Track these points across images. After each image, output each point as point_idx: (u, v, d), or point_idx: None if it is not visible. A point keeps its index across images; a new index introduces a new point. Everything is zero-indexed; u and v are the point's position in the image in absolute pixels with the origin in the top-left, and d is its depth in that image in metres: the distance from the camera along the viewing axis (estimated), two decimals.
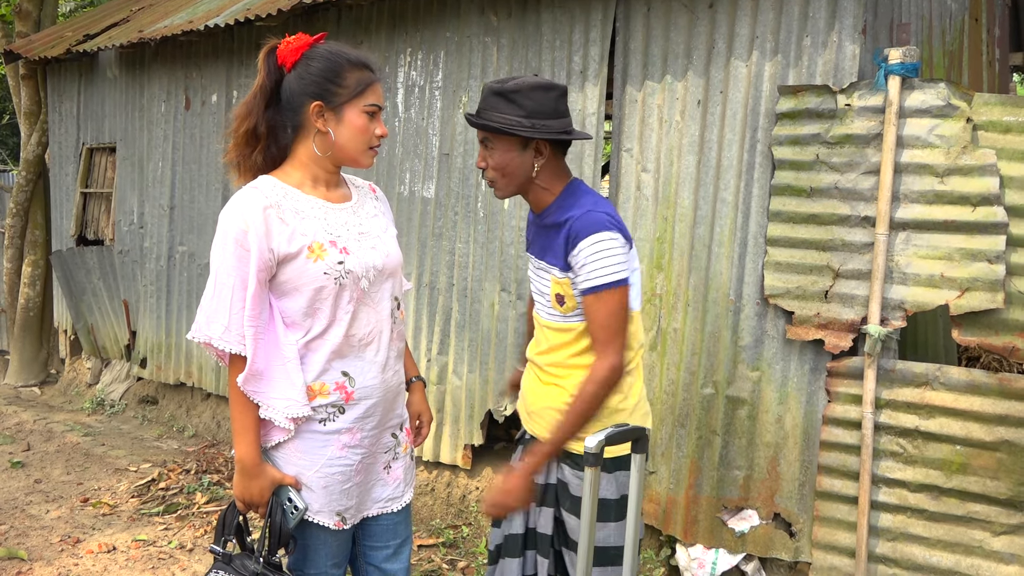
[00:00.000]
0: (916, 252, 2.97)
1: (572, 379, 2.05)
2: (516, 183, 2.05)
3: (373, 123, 1.91)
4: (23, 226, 7.44)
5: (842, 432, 3.13)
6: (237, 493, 1.88)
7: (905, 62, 2.91)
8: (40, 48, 6.81)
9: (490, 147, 2.03)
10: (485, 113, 2.01)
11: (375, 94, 1.91)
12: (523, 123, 1.97)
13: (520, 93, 1.98)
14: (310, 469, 1.92)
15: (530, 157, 2.02)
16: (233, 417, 1.86)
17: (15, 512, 4.41)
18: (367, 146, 1.92)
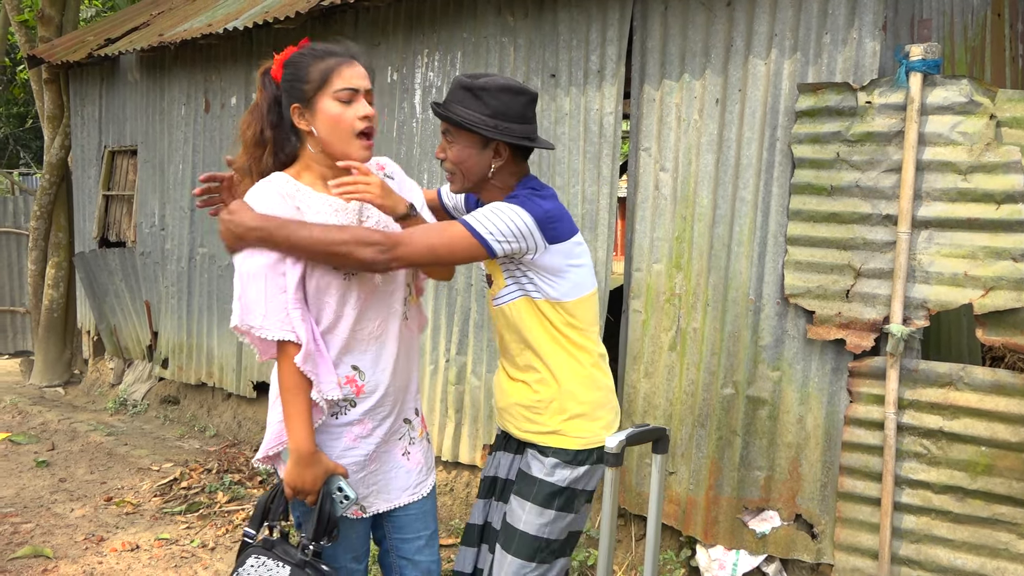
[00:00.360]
0: (939, 250, 2.93)
1: (531, 372, 2.05)
2: (472, 180, 2.04)
3: (349, 108, 1.87)
4: (47, 228, 7.53)
5: (864, 433, 3.10)
6: (290, 481, 1.87)
7: (927, 58, 2.88)
8: (62, 53, 6.89)
9: (450, 140, 2.02)
10: (450, 105, 1.99)
11: (342, 78, 1.87)
12: (486, 122, 1.96)
13: (488, 92, 1.97)
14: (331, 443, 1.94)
15: (488, 157, 2.01)
16: (287, 404, 1.84)
17: (40, 510, 4.46)
18: (350, 134, 1.87)
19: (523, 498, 2.06)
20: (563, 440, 2.04)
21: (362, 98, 1.88)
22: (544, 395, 2.05)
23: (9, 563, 3.79)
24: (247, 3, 5.77)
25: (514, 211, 1.92)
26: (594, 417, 2.07)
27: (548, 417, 2.05)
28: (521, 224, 1.92)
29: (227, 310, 5.77)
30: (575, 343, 2.07)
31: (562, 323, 2.04)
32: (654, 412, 3.63)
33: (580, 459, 2.05)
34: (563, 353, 2.05)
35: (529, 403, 2.06)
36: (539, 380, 2.05)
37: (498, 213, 1.91)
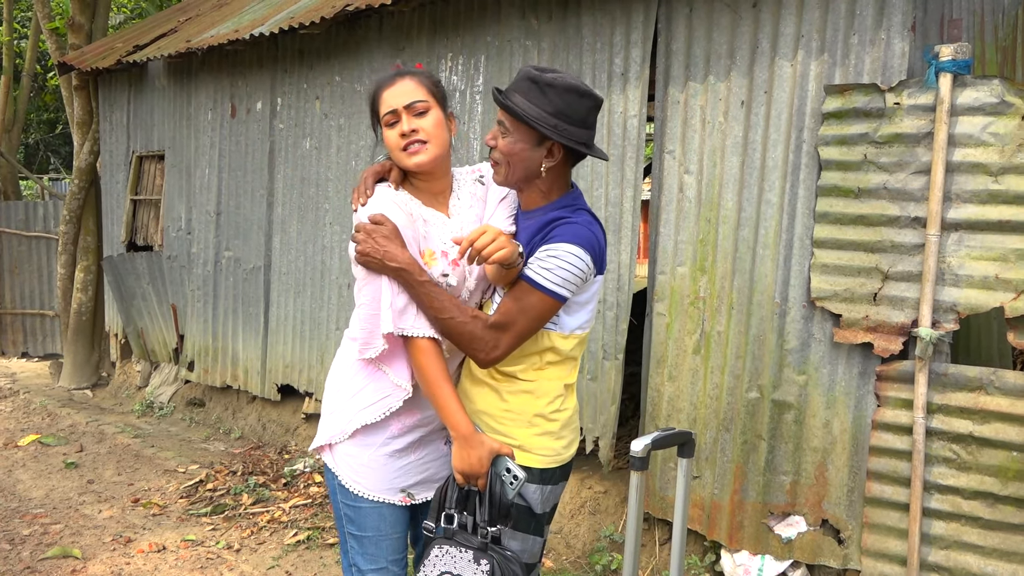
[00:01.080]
0: (969, 253, 2.89)
1: (508, 386, 1.98)
2: (518, 176, 1.95)
3: (393, 130, 1.96)
4: (76, 233, 7.64)
5: (892, 437, 3.06)
6: (458, 466, 1.90)
7: (957, 59, 2.85)
8: (92, 59, 7.00)
9: (505, 130, 1.93)
10: (512, 95, 1.91)
11: (383, 103, 1.97)
12: (547, 119, 1.88)
13: (554, 88, 1.88)
14: (371, 447, 2.00)
15: (540, 155, 1.92)
16: (438, 395, 1.90)
17: (69, 511, 4.52)
18: (398, 152, 1.97)
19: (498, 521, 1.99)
20: (528, 458, 1.96)
21: (403, 114, 1.93)
22: (514, 406, 1.97)
23: (39, 563, 3.85)
24: (273, 9, 5.83)
25: (574, 255, 1.85)
26: (559, 436, 1.99)
27: (515, 429, 1.96)
28: (583, 266, 1.87)
29: (251, 313, 5.83)
30: (559, 368, 2.00)
31: (559, 348, 1.97)
32: (678, 416, 3.61)
33: (546, 478, 1.97)
34: (546, 371, 1.98)
35: (496, 412, 1.98)
36: (513, 391, 1.97)
37: (561, 261, 1.85)
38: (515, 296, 1.88)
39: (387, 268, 1.87)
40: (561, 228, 1.89)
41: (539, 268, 1.86)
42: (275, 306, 5.68)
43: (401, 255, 1.87)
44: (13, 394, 7.21)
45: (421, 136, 1.94)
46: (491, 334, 1.86)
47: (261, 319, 5.79)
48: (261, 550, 4.06)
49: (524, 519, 1.95)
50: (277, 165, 5.61)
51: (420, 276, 1.88)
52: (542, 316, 1.88)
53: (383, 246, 1.86)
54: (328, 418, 2.09)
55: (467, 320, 1.87)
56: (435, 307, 1.87)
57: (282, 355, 5.63)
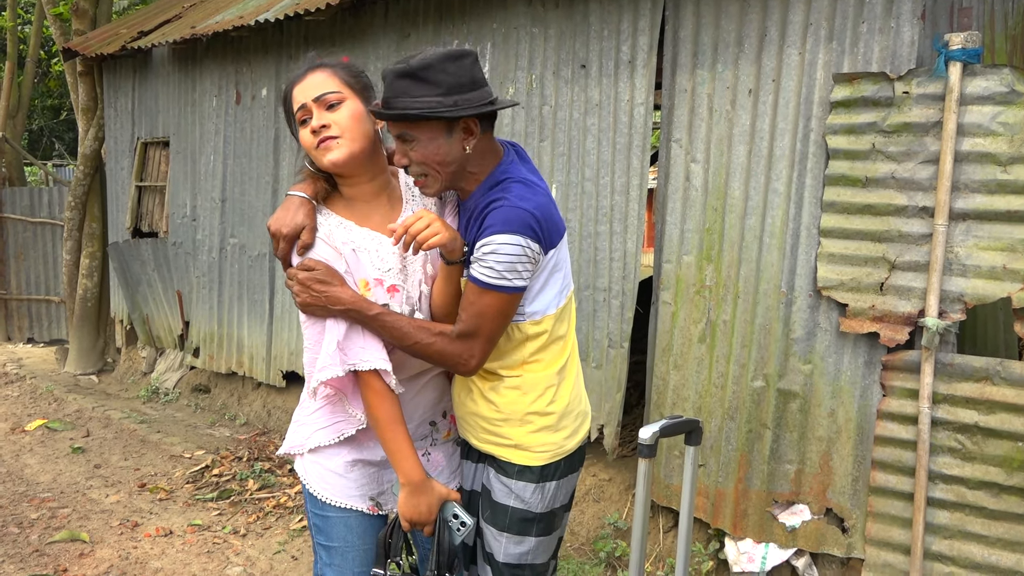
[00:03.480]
0: (977, 243, 2.89)
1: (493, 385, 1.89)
2: (448, 175, 1.77)
3: (306, 128, 1.78)
4: (81, 219, 7.65)
5: (897, 427, 3.07)
6: (405, 512, 1.82)
7: (967, 47, 2.83)
8: (96, 45, 6.99)
9: (409, 139, 1.74)
10: (396, 101, 1.71)
11: (294, 100, 1.80)
12: (443, 102, 1.70)
13: (431, 69, 1.70)
14: (337, 456, 1.91)
15: (459, 141, 1.75)
16: (390, 438, 1.79)
17: (77, 496, 4.55)
18: (312, 149, 1.79)
19: (496, 528, 1.93)
20: (525, 456, 1.89)
21: (313, 109, 1.76)
22: (504, 407, 1.88)
23: (47, 546, 3.88)
24: None
25: (511, 243, 1.71)
26: (558, 428, 1.91)
27: (509, 429, 1.89)
28: (525, 251, 1.72)
29: (257, 300, 5.84)
30: (544, 353, 1.89)
31: (535, 335, 1.86)
32: (683, 404, 3.62)
33: (548, 475, 1.90)
34: (532, 364, 1.88)
35: (488, 414, 1.90)
36: (500, 391, 1.89)
37: (499, 255, 1.71)
38: (469, 301, 1.77)
39: (333, 312, 1.76)
40: (491, 216, 1.73)
41: (481, 267, 1.73)
42: (280, 293, 5.69)
43: (344, 295, 1.75)
44: (20, 379, 7.25)
45: (333, 131, 1.75)
46: (461, 345, 1.77)
47: (266, 306, 5.80)
48: (267, 535, 4.08)
49: (521, 523, 1.89)
50: (282, 152, 5.61)
51: (370, 311, 1.76)
52: (505, 312, 1.77)
53: (322, 291, 1.74)
54: (292, 427, 2.00)
55: (432, 340, 1.77)
56: (396, 336, 1.77)
57: (287, 342, 5.65)
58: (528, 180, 1.80)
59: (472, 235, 1.77)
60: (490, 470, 1.94)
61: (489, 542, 1.93)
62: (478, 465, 2.01)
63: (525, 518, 1.89)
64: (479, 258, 1.73)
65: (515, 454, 1.88)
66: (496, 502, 1.91)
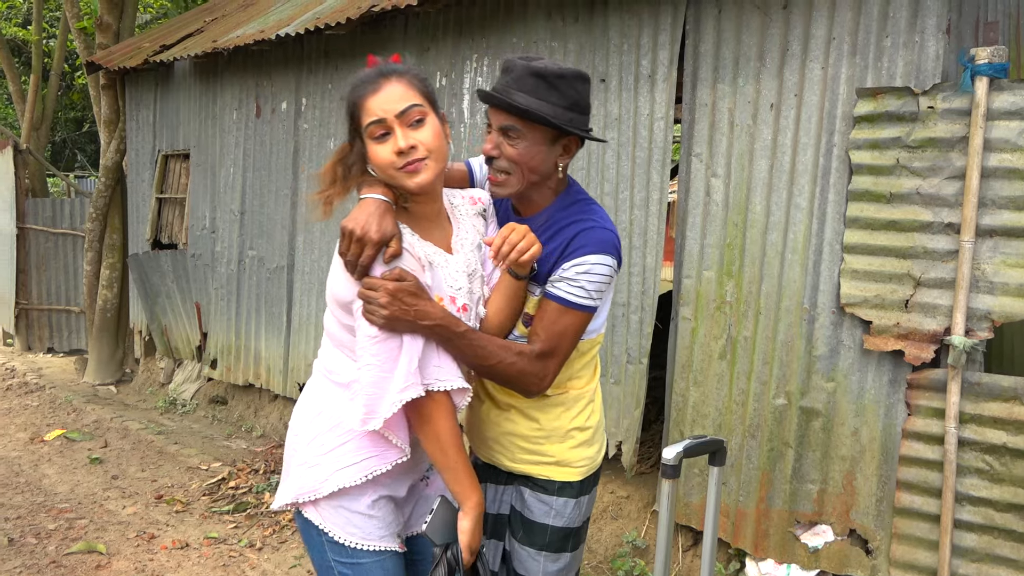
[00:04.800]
0: (1004, 260, 2.84)
1: (536, 403, 1.88)
2: (531, 180, 1.78)
3: (383, 145, 1.63)
4: (102, 230, 7.71)
5: (923, 447, 3.01)
6: (472, 543, 1.72)
7: (993, 62, 2.79)
8: (119, 59, 7.06)
9: (514, 136, 1.73)
10: (519, 96, 1.70)
11: (367, 111, 1.64)
12: (563, 115, 1.72)
13: (565, 80, 1.72)
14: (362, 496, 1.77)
15: (556, 154, 1.77)
16: (457, 461, 1.69)
17: (94, 507, 4.56)
18: (392, 169, 1.64)
19: (534, 548, 1.90)
20: (566, 472, 1.88)
21: (395, 126, 1.62)
22: (548, 424, 1.88)
23: (64, 558, 3.88)
24: (298, 9, 5.85)
25: (604, 264, 1.74)
26: (592, 442, 1.93)
27: (550, 446, 1.88)
28: (611, 272, 1.77)
29: (274, 313, 5.85)
30: (586, 369, 1.93)
31: (586, 352, 1.90)
32: (703, 422, 3.58)
33: (585, 488, 1.92)
34: (575, 380, 1.90)
35: (528, 432, 1.88)
36: (545, 408, 1.88)
37: (591, 275, 1.73)
38: (551, 320, 1.75)
39: (419, 328, 1.63)
40: (584, 237, 1.75)
41: (570, 287, 1.73)
42: (298, 305, 5.70)
43: (433, 310, 1.64)
44: (39, 389, 7.29)
45: (421, 152, 1.63)
46: (539, 365, 1.75)
47: (284, 318, 5.81)
48: (283, 549, 4.07)
49: (561, 539, 1.87)
50: (301, 165, 5.63)
51: (458, 327, 1.67)
52: (580, 333, 1.79)
53: (412, 305, 1.60)
54: (299, 469, 1.78)
55: (514, 359, 1.73)
56: (479, 355, 1.70)
57: (304, 354, 5.65)
58: (593, 202, 1.86)
59: (549, 250, 1.76)
60: (524, 490, 1.91)
61: (525, 563, 1.90)
62: (506, 488, 1.97)
63: (565, 535, 1.89)
64: (568, 278, 1.73)
65: (555, 471, 1.87)
66: (534, 522, 1.89)
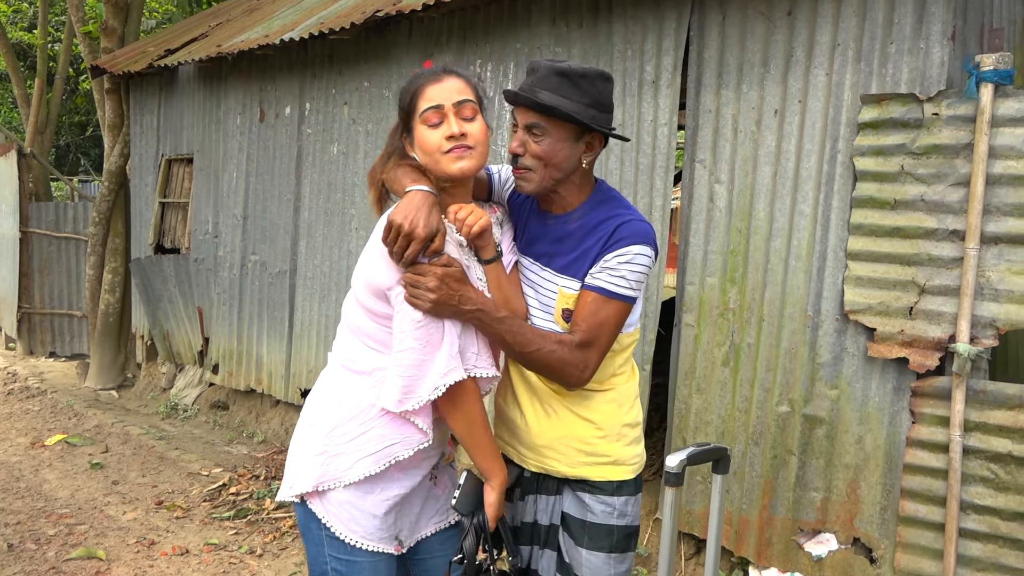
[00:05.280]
0: (1009, 267, 2.82)
1: (587, 403, 1.89)
2: (555, 177, 1.83)
3: (436, 130, 1.73)
4: (104, 234, 7.72)
5: (927, 455, 2.99)
6: (498, 512, 1.82)
7: (999, 68, 2.78)
8: (124, 63, 7.08)
9: (539, 133, 1.79)
10: (544, 94, 1.77)
11: (425, 97, 1.74)
12: (586, 112, 1.78)
13: (587, 79, 1.78)
14: (372, 494, 1.81)
15: (580, 151, 1.82)
16: (486, 439, 1.78)
17: (94, 512, 4.55)
18: (439, 156, 1.74)
19: (603, 552, 1.88)
20: (622, 470, 1.89)
21: (451, 114, 1.73)
22: (603, 421, 1.88)
23: (64, 564, 3.86)
24: (303, 14, 5.85)
25: (644, 255, 1.79)
26: (641, 438, 1.97)
27: (607, 445, 1.88)
28: (651, 263, 1.81)
29: (276, 318, 5.85)
30: (628, 364, 1.96)
31: (627, 346, 1.92)
32: (706, 429, 3.56)
33: (639, 485, 1.93)
34: (620, 375, 1.92)
35: (585, 433, 1.88)
36: (598, 406, 1.89)
37: (633, 265, 1.78)
38: (592, 310, 1.78)
39: (462, 312, 1.70)
40: (625, 229, 1.80)
41: (612, 276, 1.78)
42: (300, 310, 5.70)
43: (476, 296, 1.71)
44: (41, 393, 7.29)
45: (470, 141, 1.73)
46: (579, 355, 1.77)
47: (286, 323, 5.80)
48: (283, 555, 4.05)
49: (626, 539, 1.88)
50: (304, 170, 5.63)
51: (497, 312, 1.73)
52: (620, 324, 1.81)
53: (458, 291, 1.68)
54: (319, 458, 1.81)
55: (554, 347, 1.76)
56: (519, 342, 1.75)
57: (306, 360, 5.64)
58: (625, 200, 1.91)
59: (588, 245, 1.81)
60: (582, 495, 1.90)
61: (596, 569, 1.87)
62: (558, 497, 1.94)
63: (629, 533, 1.90)
64: (610, 268, 1.77)
65: (612, 471, 1.88)
66: (598, 524, 1.88)
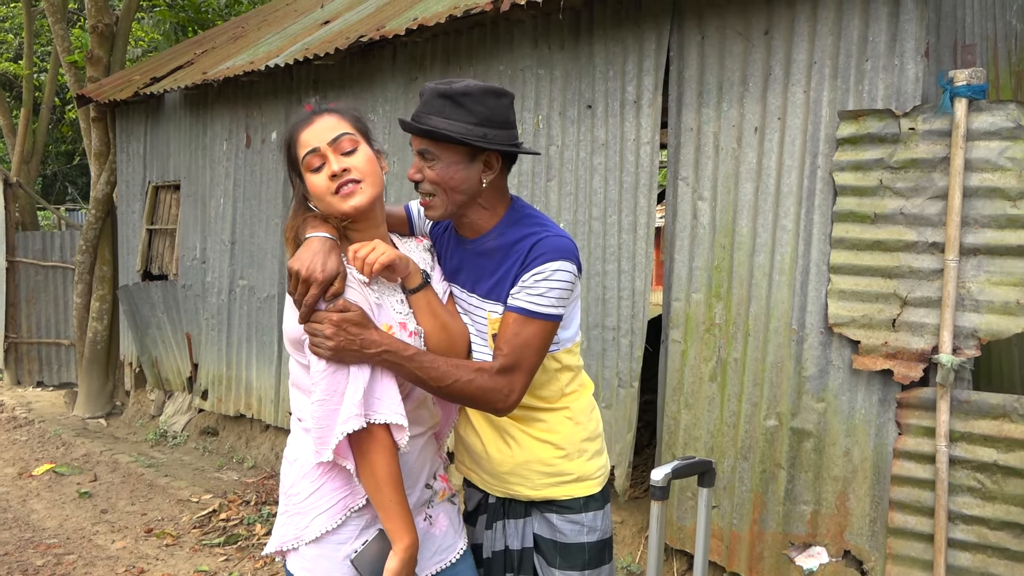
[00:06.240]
0: (989, 278, 2.86)
1: (544, 424, 1.88)
2: (458, 200, 1.79)
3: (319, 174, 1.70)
4: (92, 262, 7.70)
5: (914, 466, 3.01)
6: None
7: (972, 83, 2.84)
8: (110, 92, 7.10)
9: (430, 158, 1.76)
10: (428, 119, 1.74)
11: (300, 144, 1.72)
12: (473, 131, 1.73)
13: (471, 97, 1.74)
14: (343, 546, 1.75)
15: (478, 171, 1.78)
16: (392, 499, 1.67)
17: (83, 541, 4.50)
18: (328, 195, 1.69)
19: (575, 570, 1.88)
20: (588, 486, 1.89)
21: (329, 153, 1.69)
22: (564, 442, 1.88)
23: None
24: (288, 40, 5.90)
25: (564, 271, 1.75)
26: (603, 449, 1.96)
27: (570, 464, 1.88)
28: (572, 278, 1.76)
29: (265, 342, 5.83)
30: (579, 379, 1.95)
31: (568, 365, 1.90)
32: (695, 444, 3.57)
33: (606, 496, 1.92)
34: (573, 393, 1.91)
35: (546, 455, 1.88)
36: (555, 427, 1.88)
37: (552, 282, 1.74)
38: (513, 331, 1.75)
39: (366, 356, 1.64)
40: (541, 246, 1.76)
41: (530, 296, 1.74)
42: None
43: (380, 338, 1.65)
44: (28, 423, 7.23)
45: (355, 175, 1.69)
46: (502, 380, 1.73)
47: (275, 347, 5.79)
48: None
49: (599, 553, 1.86)
50: (291, 194, 5.64)
51: (406, 351, 1.67)
52: (545, 343, 1.78)
53: (358, 335, 1.62)
54: (281, 519, 1.81)
55: (472, 376, 1.72)
56: (434, 377, 1.69)
57: None
58: (542, 215, 1.86)
59: (506, 268, 1.78)
60: (550, 516, 1.89)
61: None
62: (525, 520, 1.93)
63: (601, 547, 1.88)
64: (528, 287, 1.74)
65: (577, 488, 1.87)
66: (569, 544, 1.87)
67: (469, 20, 4.17)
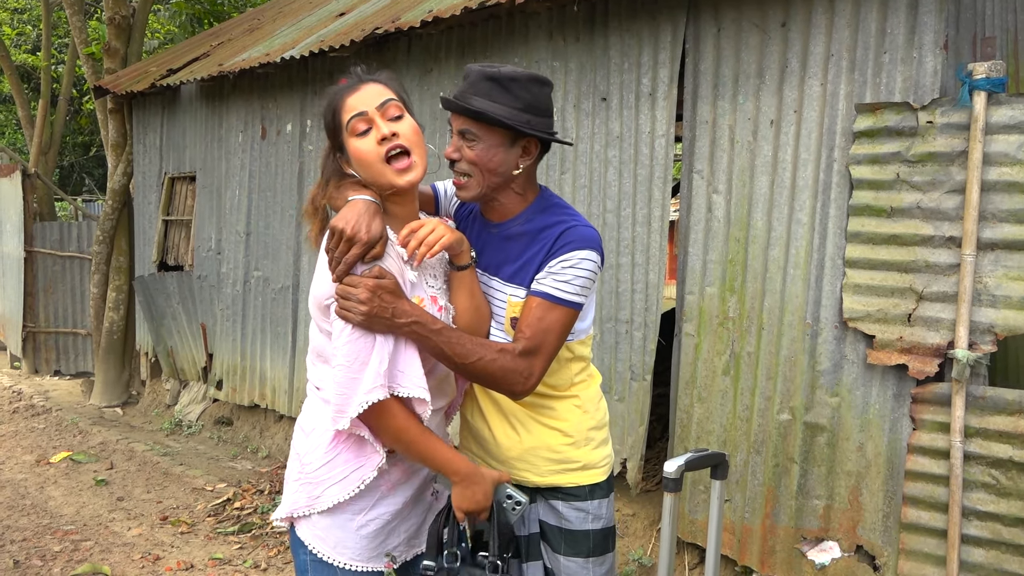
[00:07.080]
0: (1006, 273, 2.84)
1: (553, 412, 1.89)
2: (493, 183, 1.80)
3: (365, 138, 1.68)
4: (108, 253, 7.76)
5: (929, 461, 3.00)
6: (464, 505, 1.74)
7: (991, 76, 2.81)
8: (127, 83, 7.14)
9: (471, 138, 1.77)
10: (473, 99, 1.75)
11: (347, 109, 1.69)
12: (518, 116, 1.76)
13: (517, 83, 1.76)
14: (354, 517, 1.78)
15: (515, 156, 1.80)
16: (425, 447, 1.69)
17: (99, 528, 4.56)
18: (379, 165, 1.67)
19: (581, 557, 1.90)
20: (593, 474, 1.91)
21: (377, 117, 1.68)
22: (572, 429, 1.89)
23: None
24: (303, 32, 5.92)
25: (590, 260, 1.77)
26: (608, 439, 1.99)
27: (577, 451, 1.90)
28: (596, 268, 1.79)
29: (280, 333, 5.87)
30: (588, 370, 1.97)
31: (580, 355, 1.93)
32: (707, 438, 3.57)
33: (611, 485, 1.95)
34: (582, 383, 1.93)
35: (554, 442, 1.89)
36: (564, 414, 1.90)
37: (578, 270, 1.76)
38: (537, 316, 1.76)
39: (396, 326, 1.64)
40: (569, 234, 1.79)
41: (556, 282, 1.76)
42: (303, 325, 5.72)
43: (411, 309, 1.65)
44: (46, 411, 7.31)
45: (403, 142, 1.68)
46: (523, 363, 1.74)
47: (289, 338, 5.83)
48: (288, 569, 4.05)
49: (603, 541, 1.88)
50: (306, 186, 5.67)
51: (434, 325, 1.68)
52: (566, 330, 1.79)
53: (391, 303, 1.62)
54: (293, 486, 1.82)
55: (496, 356, 1.72)
56: (459, 353, 1.70)
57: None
58: (570, 206, 1.89)
59: (532, 253, 1.80)
60: (556, 503, 1.90)
61: (576, 572, 1.89)
62: (532, 506, 1.94)
63: (606, 534, 1.90)
64: (554, 273, 1.75)
65: (583, 475, 1.88)
66: (575, 531, 1.89)
67: (484, 12, 4.17)
